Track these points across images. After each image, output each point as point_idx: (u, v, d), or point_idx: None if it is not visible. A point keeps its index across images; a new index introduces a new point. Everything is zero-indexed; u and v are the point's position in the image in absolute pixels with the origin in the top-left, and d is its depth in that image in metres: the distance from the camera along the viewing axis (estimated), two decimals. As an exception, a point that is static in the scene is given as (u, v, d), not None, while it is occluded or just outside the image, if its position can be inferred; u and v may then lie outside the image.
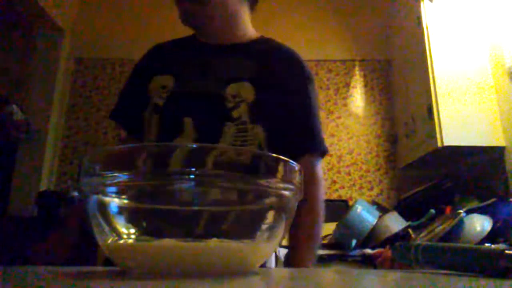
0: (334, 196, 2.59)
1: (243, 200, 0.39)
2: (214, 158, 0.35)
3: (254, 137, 0.84)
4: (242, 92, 0.84)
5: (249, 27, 0.98)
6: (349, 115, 2.77)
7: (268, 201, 0.39)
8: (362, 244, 1.73)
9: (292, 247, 0.91)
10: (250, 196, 0.38)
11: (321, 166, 0.94)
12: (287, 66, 0.93)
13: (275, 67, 0.91)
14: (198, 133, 0.82)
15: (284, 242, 1.80)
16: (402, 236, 1.73)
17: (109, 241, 0.36)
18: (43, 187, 2.54)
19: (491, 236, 1.54)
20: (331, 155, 2.67)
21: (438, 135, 1.97)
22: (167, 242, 0.35)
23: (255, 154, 0.39)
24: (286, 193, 0.37)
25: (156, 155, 0.35)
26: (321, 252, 1.74)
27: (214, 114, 0.84)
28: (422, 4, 2.20)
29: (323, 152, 0.92)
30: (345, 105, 2.79)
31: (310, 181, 0.88)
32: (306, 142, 0.90)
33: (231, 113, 0.83)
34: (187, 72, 0.89)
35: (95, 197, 0.36)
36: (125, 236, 0.36)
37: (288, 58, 0.95)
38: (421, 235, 1.66)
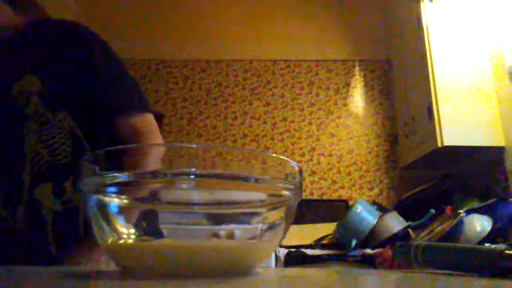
0: (334, 196, 2.59)
1: (243, 200, 0.39)
2: None
3: (60, 124, 0.80)
4: (27, 86, 0.80)
5: (7, 16, 0.87)
6: (349, 115, 2.76)
7: (268, 201, 0.39)
8: (362, 244, 1.72)
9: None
10: (250, 196, 0.38)
11: (151, 122, 0.86)
12: (62, 42, 0.85)
13: (49, 49, 0.84)
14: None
15: (284, 242, 1.80)
16: (402, 236, 1.73)
17: (109, 241, 0.36)
18: (43, 187, 2.54)
19: (491, 236, 1.54)
20: (331, 155, 2.67)
21: (438, 135, 1.97)
22: (167, 242, 0.35)
23: (252, 152, 0.39)
24: (286, 193, 0.37)
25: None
26: (321, 252, 1.74)
27: (8, 119, 0.80)
28: (422, 4, 2.20)
29: (141, 109, 0.86)
30: (345, 105, 2.79)
31: (136, 140, 0.83)
32: (113, 104, 0.84)
33: (25, 110, 0.79)
34: None
35: (95, 197, 0.36)
36: (125, 236, 0.36)
37: (62, 35, 0.85)
38: (421, 235, 1.66)
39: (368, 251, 1.65)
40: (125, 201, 0.37)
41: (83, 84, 0.82)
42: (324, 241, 1.89)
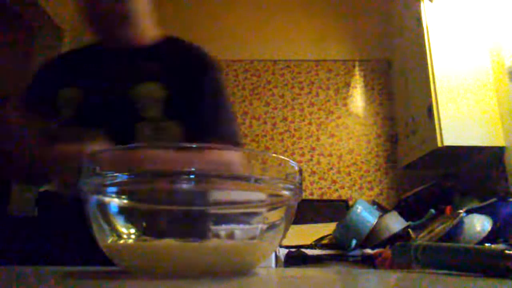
0: (334, 196, 2.59)
1: (243, 200, 0.39)
2: None
3: (171, 133, 0.85)
4: (152, 92, 0.85)
5: (153, 27, 0.97)
6: (349, 115, 2.76)
7: (268, 201, 0.39)
8: (362, 244, 1.72)
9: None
10: (250, 196, 0.38)
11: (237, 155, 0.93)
12: (193, 65, 0.92)
13: (181, 66, 0.91)
14: (112, 139, 0.80)
15: (284, 242, 1.80)
16: (402, 236, 1.73)
17: (109, 241, 0.36)
18: (43, 187, 2.54)
19: (491, 236, 1.53)
20: (331, 155, 2.67)
21: (438, 135, 1.97)
22: (167, 242, 0.35)
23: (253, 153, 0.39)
24: (286, 193, 0.37)
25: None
26: (321, 252, 1.74)
27: (125, 117, 0.84)
28: (422, 4, 2.20)
29: (234, 143, 0.91)
30: (345, 105, 2.79)
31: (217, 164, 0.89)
32: (213, 134, 0.89)
33: (144, 113, 0.84)
34: (93, 82, 0.88)
35: (95, 197, 0.36)
36: (125, 236, 0.36)
37: (192, 57, 0.94)
38: (421, 235, 1.66)
39: (368, 251, 1.65)
40: (125, 201, 0.37)
41: (197, 104, 0.89)
42: (324, 241, 1.89)
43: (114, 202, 0.37)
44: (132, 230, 0.37)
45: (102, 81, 0.88)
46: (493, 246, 1.38)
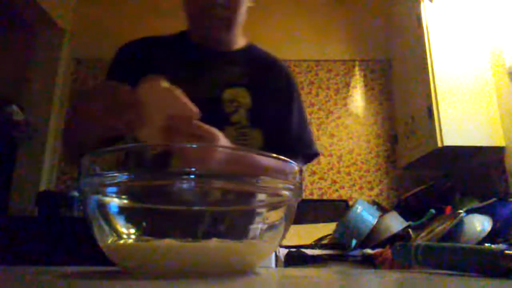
0: (334, 196, 2.59)
1: (243, 200, 0.39)
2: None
3: (253, 141, 0.86)
4: (239, 97, 0.86)
5: (241, 33, 0.99)
6: (349, 115, 2.76)
7: (268, 201, 0.39)
8: (362, 244, 1.72)
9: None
10: (250, 196, 0.38)
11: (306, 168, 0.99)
12: (277, 75, 0.95)
13: (266, 75, 0.93)
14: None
15: (284, 242, 1.80)
16: (402, 236, 1.73)
17: (109, 241, 0.36)
18: (43, 187, 2.54)
19: (491, 236, 1.53)
20: (331, 155, 2.67)
21: (438, 135, 1.97)
22: (167, 242, 0.35)
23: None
24: (286, 193, 0.37)
25: (158, 155, 0.35)
26: (321, 252, 1.74)
27: (212, 118, 0.84)
28: (422, 4, 2.20)
29: (313, 155, 0.95)
30: (345, 105, 2.79)
31: None
32: (294, 147, 0.92)
33: (230, 117, 0.84)
34: (182, 74, 0.87)
35: (95, 197, 0.36)
36: (125, 236, 0.36)
37: (276, 67, 0.97)
38: (421, 235, 1.66)
39: (368, 251, 1.65)
40: (125, 201, 0.37)
41: (282, 116, 0.92)
42: (324, 241, 1.89)
43: (114, 202, 0.37)
44: (132, 230, 0.37)
45: (190, 74, 0.87)
46: (493, 246, 1.38)
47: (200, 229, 0.37)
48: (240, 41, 0.97)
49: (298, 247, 1.74)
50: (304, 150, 0.93)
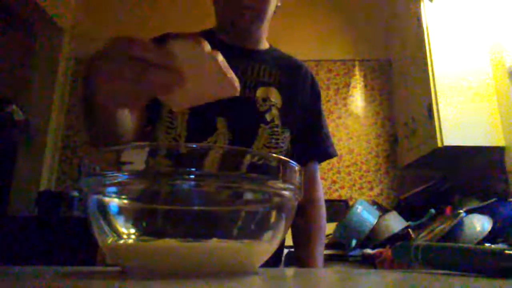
0: (334, 196, 2.59)
1: (243, 200, 0.39)
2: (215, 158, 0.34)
3: (284, 140, 0.87)
4: (271, 96, 0.87)
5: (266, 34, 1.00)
6: (349, 115, 2.76)
7: (268, 201, 0.39)
8: (362, 244, 1.72)
9: (302, 245, 0.93)
10: (250, 196, 0.38)
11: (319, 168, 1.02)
12: (304, 76, 0.98)
13: (294, 76, 0.95)
14: (232, 134, 0.82)
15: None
16: (402, 236, 1.73)
17: (109, 241, 0.36)
18: (43, 187, 2.54)
19: (491, 236, 1.54)
20: (331, 155, 2.67)
21: (438, 135, 1.97)
22: (167, 242, 0.35)
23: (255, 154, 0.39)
24: (286, 193, 0.37)
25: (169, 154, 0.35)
26: (321, 252, 1.74)
27: (248, 115, 0.85)
28: (422, 4, 2.20)
29: (330, 155, 0.99)
30: (345, 105, 2.79)
31: (314, 184, 0.97)
32: (316, 149, 0.97)
33: (264, 116, 0.85)
34: None
35: (95, 197, 0.36)
36: (125, 236, 0.36)
37: (302, 68, 1.00)
38: (421, 235, 1.66)
39: (368, 251, 1.65)
40: (125, 201, 0.37)
41: (308, 117, 0.95)
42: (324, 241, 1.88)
43: (114, 202, 0.37)
44: (132, 230, 0.37)
45: None
46: (493, 246, 1.38)
47: (200, 229, 0.36)
48: (265, 43, 0.99)
49: (298, 247, 1.74)
50: (328, 149, 0.97)
